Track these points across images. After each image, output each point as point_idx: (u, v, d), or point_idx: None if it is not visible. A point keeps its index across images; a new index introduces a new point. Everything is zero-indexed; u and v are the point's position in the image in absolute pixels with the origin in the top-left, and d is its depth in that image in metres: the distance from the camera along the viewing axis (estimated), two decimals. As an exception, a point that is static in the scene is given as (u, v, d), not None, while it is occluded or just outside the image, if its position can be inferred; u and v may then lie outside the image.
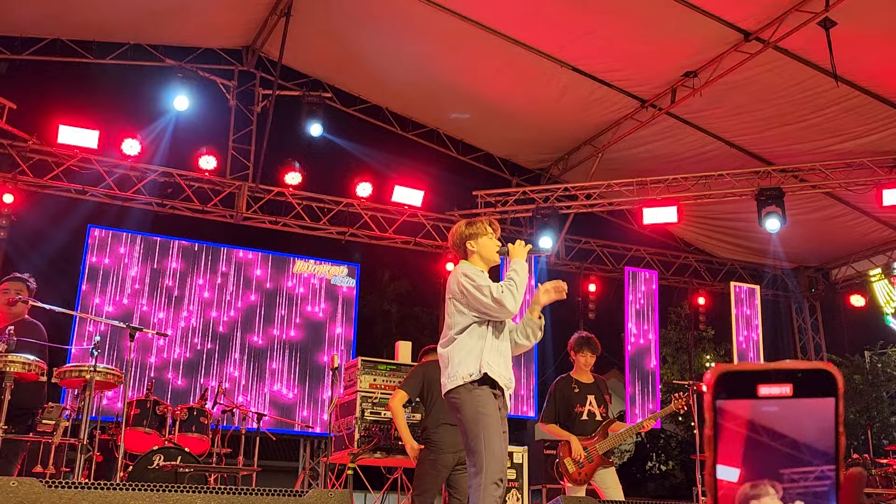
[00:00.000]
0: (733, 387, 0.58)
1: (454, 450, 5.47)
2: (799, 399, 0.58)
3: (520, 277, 4.07)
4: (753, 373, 0.58)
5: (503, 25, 9.24)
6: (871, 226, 11.71)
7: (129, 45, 10.24)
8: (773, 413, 0.58)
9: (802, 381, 0.58)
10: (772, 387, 0.58)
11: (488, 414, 3.90)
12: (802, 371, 0.58)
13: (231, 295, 10.39)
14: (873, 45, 8.31)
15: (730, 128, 10.26)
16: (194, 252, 10.34)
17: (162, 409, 6.83)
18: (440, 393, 5.64)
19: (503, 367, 4.05)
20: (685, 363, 16.48)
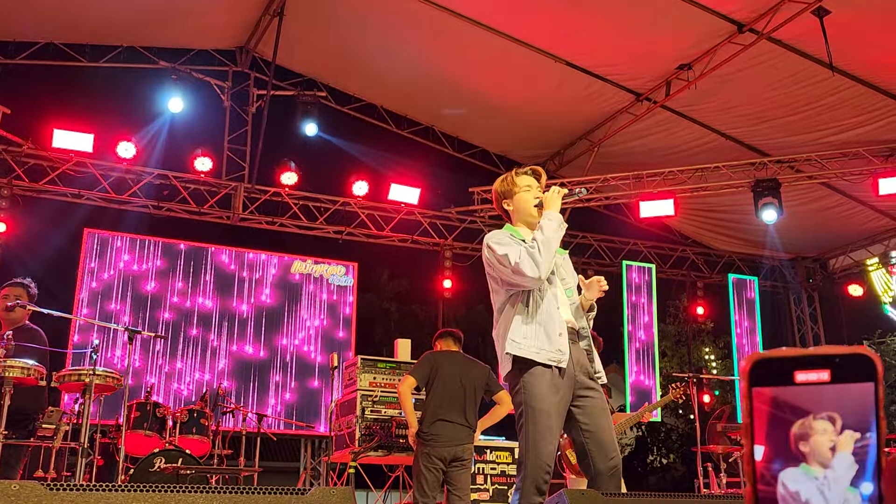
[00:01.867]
0: (769, 374, 0.57)
1: (449, 444, 5.48)
2: (837, 384, 0.57)
3: (544, 235, 3.51)
4: (790, 359, 0.57)
5: (497, 21, 9.23)
6: (867, 215, 11.73)
7: (122, 47, 10.22)
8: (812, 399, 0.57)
9: (840, 366, 0.57)
10: (809, 373, 0.57)
11: (534, 407, 3.41)
12: (840, 356, 0.57)
13: (229, 296, 10.38)
14: (867, 34, 8.31)
15: (725, 120, 10.27)
16: (191, 254, 10.33)
17: (162, 411, 6.83)
18: (441, 387, 5.66)
19: (545, 340, 3.46)
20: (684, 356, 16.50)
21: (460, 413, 5.59)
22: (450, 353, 5.89)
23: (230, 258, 10.51)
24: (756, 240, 12.52)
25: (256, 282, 10.56)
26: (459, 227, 11.69)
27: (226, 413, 7.62)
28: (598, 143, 11.03)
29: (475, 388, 5.72)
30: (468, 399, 5.65)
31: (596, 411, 3.52)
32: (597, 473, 3.46)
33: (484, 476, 7.60)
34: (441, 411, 5.56)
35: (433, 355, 5.85)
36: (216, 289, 10.34)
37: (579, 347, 3.62)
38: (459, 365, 5.77)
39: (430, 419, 5.55)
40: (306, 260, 10.92)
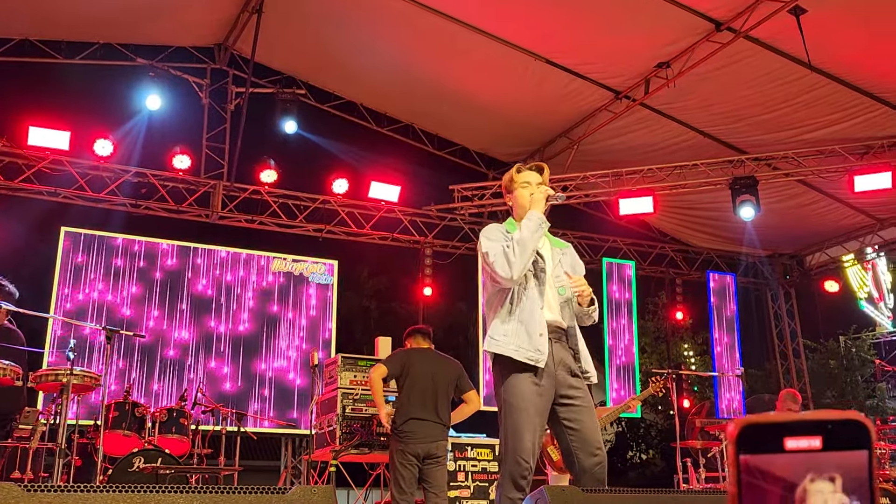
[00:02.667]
0: (758, 440, 0.55)
1: (423, 441, 5.52)
2: (829, 452, 0.54)
3: (521, 234, 3.52)
4: (780, 425, 0.55)
5: (477, 19, 9.23)
6: (843, 212, 11.85)
7: (98, 44, 10.11)
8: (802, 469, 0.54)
9: (832, 432, 0.55)
10: (800, 440, 0.54)
11: (513, 404, 3.46)
12: (832, 422, 0.55)
13: (208, 294, 10.31)
14: (843, 33, 8.38)
15: (703, 118, 10.33)
16: (169, 252, 10.25)
17: (141, 410, 6.79)
18: (413, 385, 5.67)
19: (525, 338, 3.48)
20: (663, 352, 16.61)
21: (432, 410, 5.64)
22: (421, 351, 5.92)
23: (209, 256, 10.43)
24: (734, 237, 12.62)
25: (236, 280, 10.49)
26: (439, 224, 11.69)
27: (206, 412, 7.57)
28: (578, 141, 11.06)
29: (447, 384, 5.77)
30: (440, 396, 5.70)
31: (579, 409, 3.53)
32: (581, 471, 3.48)
33: (465, 473, 7.61)
34: (413, 409, 5.60)
35: (405, 353, 5.89)
36: (196, 287, 10.26)
37: (565, 346, 3.62)
38: (431, 363, 5.81)
39: (403, 417, 5.61)
40: (286, 258, 10.86)
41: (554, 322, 3.61)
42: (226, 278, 10.45)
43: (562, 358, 3.56)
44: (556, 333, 3.60)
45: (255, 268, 10.66)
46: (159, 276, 10.11)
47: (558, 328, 3.62)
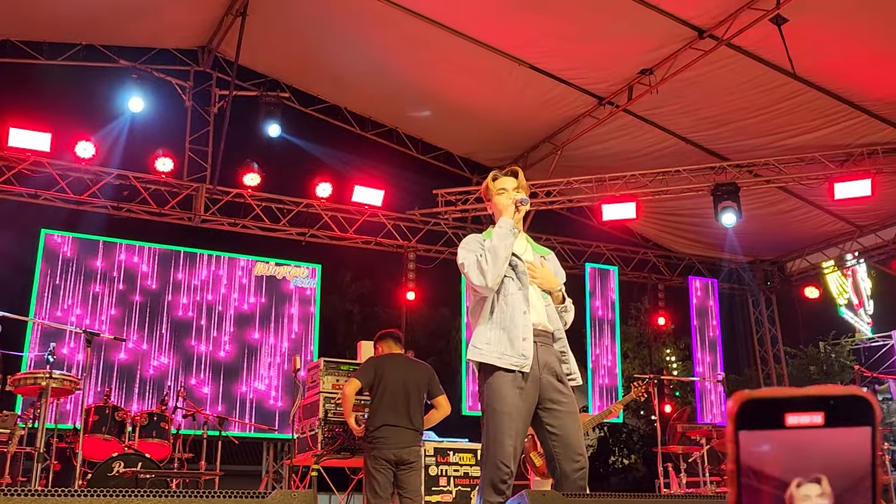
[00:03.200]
0: (758, 416, 0.54)
1: (395, 447, 5.53)
2: (831, 429, 0.53)
3: (492, 242, 3.55)
4: (781, 400, 0.54)
5: (461, 24, 9.24)
6: (823, 219, 11.94)
7: (81, 45, 10.05)
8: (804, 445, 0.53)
9: (835, 408, 0.53)
10: (801, 415, 0.53)
11: (495, 408, 3.45)
12: (835, 398, 0.54)
13: (190, 298, 10.26)
14: (824, 41, 8.47)
15: (686, 124, 10.39)
16: (151, 255, 10.19)
17: (121, 414, 6.73)
18: (385, 391, 5.67)
19: (507, 345, 3.48)
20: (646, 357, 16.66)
21: (405, 416, 5.66)
22: (392, 357, 5.94)
23: (191, 260, 10.38)
24: (716, 243, 12.70)
25: (219, 283, 10.44)
26: (423, 229, 11.68)
27: (187, 416, 7.52)
28: (562, 147, 11.10)
29: (419, 389, 5.79)
30: (412, 402, 5.72)
31: (563, 414, 3.51)
32: (562, 476, 3.47)
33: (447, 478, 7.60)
34: (386, 416, 5.62)
35: (376, 360, 5.91)
36: (178, 290, 10.20)
37: (551, 349, 3.61)
38: (402, 368, 5.83)
39: (376, 424, 5.62)
40: (269, 262, 10.82)
41: (540, 325, 3.60)
42: (209, 283, 10.40)
43: (547, 361, 3.55)
44: (542, 337, 3.59)
45: (238, 271, 10.61)
46: (141, 280, 10.04)
47: (544, 331, 3.62)
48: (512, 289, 3.59)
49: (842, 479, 0.53)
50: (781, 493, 0.53)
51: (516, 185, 3.76)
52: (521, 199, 3.66)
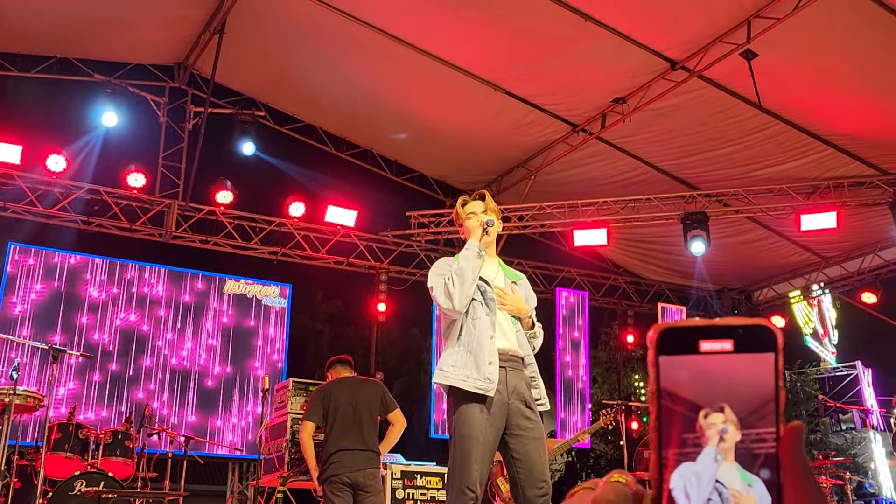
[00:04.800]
0: (676, 343, 0.59)
1: (351, 469, 5.42)
2: (739, 354, 0.58)
3: (459, 266, 3.57)
4: (695, 329, 0.59)
5: (437, 48, 9.33)
6: (790, 249, 12.13)
7: (55, 58, 9.99)
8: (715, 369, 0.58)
9: (742, 336, 0.58)
10: (713, 342, 0.58)
11: (462, 433, 3.46)
12: (742, 327, 0.59)
13: (159, 315, 10.16)
14: (792, 77, 8.65)
15: (657, 153, 10.53)
16: (121, 271, 10.09)
17: (85, 432, 6.64)
18: (335, 418, 5.59)
19: (473, 368, 3.49)
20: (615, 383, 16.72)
21: (358, 438, 5.52)
22: (339, 381, 5.82)
23: (161, 277, 10.30)
24: (685, 271, 12.83)
25: (189, 301, 10.36)
26: (396, 250, 11.69)
27: (152, 434, 7.44)
28: (535, 172, 11.19)
29: (369, 408, 5.64)
30: (364, 422, 5.57)
31: (529, 440, 3.52)
32: (525, 502, 3.47)
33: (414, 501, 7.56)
34: (339, 441, 5.50)
35: (321, 391, 5.78)
36: (147, 307, 10.10)
37: (520, 374, 3.62)
38: (349, 390, 5.70)
39: (330, 450, 5.51)
40: (240, 280, 10.76)
41: (508, 350, 3.61)
42: (179, 300, 10.31)
43: (516, 386, 3.56)
44: (511, 362, 3.60)
45: (208, 289, 10.54)
46: (109, 296, 9.94)
47: (513, 356, 3.63)
48: (480, 313, 3.61)
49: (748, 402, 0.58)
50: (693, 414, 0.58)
51: (484, 208, 3.81)
52: (488, 220, 3.70)
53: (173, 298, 10.30)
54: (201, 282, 10.53)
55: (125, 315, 9.98)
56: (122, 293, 10.03)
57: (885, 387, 16.79)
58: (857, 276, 12.11)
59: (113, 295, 9.97)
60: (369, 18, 8.98)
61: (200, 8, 9.32)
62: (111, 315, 9.90)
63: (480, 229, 3.68)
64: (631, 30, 8.41)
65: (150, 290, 10.19)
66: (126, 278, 10.10)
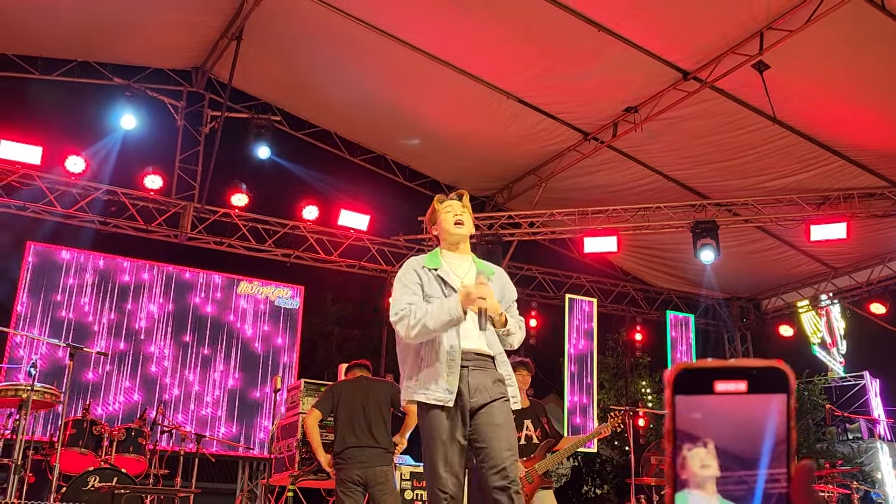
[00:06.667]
0: (692, 383, 0.60)
1: (360, 466, 5.43)
2: (753, 395, 0.60)
3: (429, 321, 3.37)
4: (711, 370, 0.60)
5: (451, 56, 9.36)
6: (799, 259, 12.09)
7: (76, 62, 10.08)
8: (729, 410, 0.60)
9: (757, 378, 0.61)
10: (728, 383, 0.60)
11: (428, 440, 3.46)
12: (757, 369, 0.61)
13: (174, 314, 10.22)
14: (804, 89, 8.64)
15: (668, 162, 10.53)
16: (137, 271, 10.16)
17: (99, 429, 6.69)
18: (344, 413, 5.63)
19: (432, 381, 3.43)
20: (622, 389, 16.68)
21: (367, 434, 5.53)
22: (352, 380, 5.87)
23: (176, 277, 10.36)
24: (694, 279, 12.81)
25: (203, 301, 10.42)
26: (407, 254, 11.72)
27: (164, 432, 7.48)
28: (546, 179, 11.20)
29: (379, 405, 5.64)
30: (373, 419, 5.58)
31: (492, 428, 3.43)
32: (483, 485, 3.38)
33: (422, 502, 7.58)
34: (348, 437, 5.53)
35: (335, 386, 5.87)
36: (162, 307, 10.16)
37: (487, 374, 3.51)
38: (360, 388, 5.74)
39: (340, 446, 5.54)
40: (253, 281, 10.82)
41: (474, 350, 3.51)
42: (193, 300, 10.38)
43: (479, 386, 3.47)
44: (476, 361, 3.51)
45: (222, 289, 10.59)
46: (125, 296, 10.00)
47: (479, 355, 3.53)
48: None
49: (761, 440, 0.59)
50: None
51: (461, 209, 3.70)
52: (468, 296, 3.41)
53: (185, 299, 10.35)
54: (215, 283, 10.58)
55: (141, 314, 10.03)
56: (137, 293, 10.08)
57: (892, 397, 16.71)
58: (866, 286, 12.06)
59: (128, 295, 10.02)
60: (384, 26, 9.02)
61: (218, 14, 9.39)
62: (127, 314, 9.96)
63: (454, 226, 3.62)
64: (644, 40, 8.42)
65: (162, 291, 10.24)
66: (141, 278, 10.15)
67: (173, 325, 10.19)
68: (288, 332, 10.84)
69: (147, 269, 10.23)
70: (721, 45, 8.28)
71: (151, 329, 10.07)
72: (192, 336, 10.27)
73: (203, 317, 10.38)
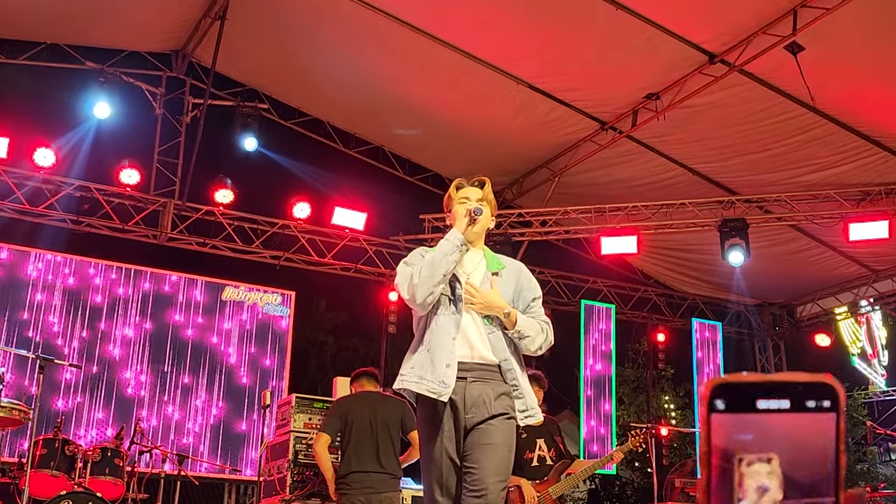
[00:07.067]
0: (730, 400, 0.59)
1: (364, 493, 5.43)
2: (799, 413, 0.58)
3: (433, 255, 3.40)
4: (751, 385, 0.59)
5: (455, 37, 9.35)
6: (837, 261, 12.06)
7: (45, 44, 10.09)
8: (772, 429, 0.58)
9: (802, 394, 0.59)
10: (770, 400, 0.58)
11: (423, 440, 3.45)
12: (802, 384, 0.59)
13: (153, 322, 10.21)
14: (841, 72, 8.62)
15: (693, 154, 10.52)
16: (113, 275, 10.16)
17: (72, 448, 6.67)
18: (352, 433, 5.61)
19: (429, 369, 3.34)
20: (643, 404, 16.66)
21: (373, 459, 5.54)
22: (361, 395, 5.87)
23: (155, 281, 10.36)
24: (721, 283, 12.79)
25: (184, 308, 10.42)
26: (407, 256, 11.70)
27: (143, 452, 7.48)
28: (560, 173, 11.19)
29: (388, 426, 5.63)
30: (381, 442, 5.58)
31: (480, 447, 3.33)
32: None
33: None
34: (354, 461, 5.52)
35: (340, 403, 5.85)
36: (140, 314, 10.16)
37: (489, 385, 3.39)
38: (369, 405, 5.72)
39: (344, 471, 5.54)
40: (239, 286, 10.81)
41: (474, 357, 3.41)
42: (174, 306, 10.37)
43: (479, 398, 3.36)
44: (474, 371, 3.39)
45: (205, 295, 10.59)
46: (99, 301, 10.00)
47: (479, 365, 3.41)
48: (443, 310, 3.45)
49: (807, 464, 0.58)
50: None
51: (481, 196, 3.66)
52: (476, 208, 3.52)
53: (164, 305, 10.35)
54: (198, 288, 10.57)
55: (117, 322, 10.03)
56: (113, 299, 10.08)
57: (939, 413, 16.66)
58: (910, 291, 12.05)
59: (103, 301, 10.02)
60: (383, 4, 9.02)
61: (201, -8, 9.41)
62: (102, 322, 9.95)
63: (467, 218, 3.48)
64: (666, 20, 8.41)
65: (139, 296, 10.24)
66: (118, 283, 10.15)
67: (153, 333, 10.17)
68: (277, 341, 10.82)
69: (123, 272, 10.20)
70: (751, 24, 8.26)
71: (128, 338, 10.06)
72: (172, 345, 10.25)
73: (184, 324, 10.36)
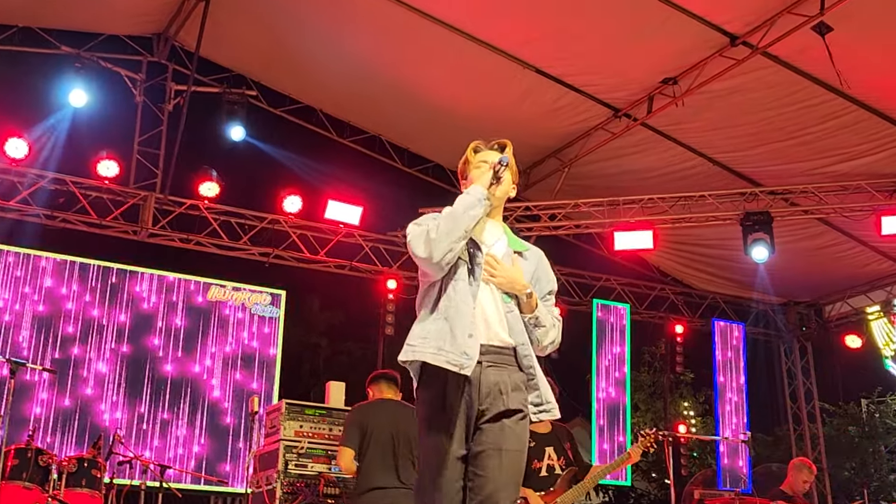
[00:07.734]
0: None
1: None
2: None
3: (452, 209, 3.28)
4: None
5: (456, 19, 9.35)
6: (868, 257, 12.05)
7: (16, 28, 10.11)
8: None
9: None
10: None
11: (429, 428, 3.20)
12: None
13: (133, 324, 10.24)
14: (872, 54, 8.60)
15: (713, 143, 10.51)
16: (90, 273, 10.19)
17: (46, 459, 6.71)
18: (371, 446, 5.62)
19: (448, 338, 3.15)
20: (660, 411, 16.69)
21: (392, 474, 5.56)
22: (380, 404, 5.88)
23: (136, 280, 10.39)
24: (744, 280, 12.78)
25: (167, 309, 10.44)
26: (406, 253, 11.71)
27: (122, 463, 7.50)
28: (570, 163, 11.19)
29: (409, 439, 5.64)
30: (401, 455, 5.61)
31: (492, 451, 3.15)
32: None
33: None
34: (372, 476, 5.53)
35: (359, 412, 5.84)
36: (119, 315, 10.19)
37: (505, 371, 3.23)
38: (390, 416, 5.74)
39: (363, 487, 5.57)
40: (225, 285, 10.83)
41: (490, 339, 3.25)
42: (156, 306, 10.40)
43: (496, 386, 3.20)
44: (495, 355, 3.23)
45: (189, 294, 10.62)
46: (75, 302, 10.03)
47: (497, 348, 3.26)
48: (462, 276, 3.29)
49: None
50: None
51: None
52: (501, 158, 3.38)
53: (146, 305, 10.37)
54: (181, 287, 10.59)
55: (94, 324, 10.06)
56: (90, 299, 10.11)
57: (978, 420, 16.64)
58: (946, 289, 12.04)
59: (80, 301, 10.05)
60: (379, -16, 9.04)
61: (184, -30, 9.42)
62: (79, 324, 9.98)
63: (491, 172, 3.35)
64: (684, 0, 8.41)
65: (119, 296, 10.26)
66: (95, 282, 10.18)
67: (133, 336, 10.19)
68: (266, 344, 10.84)
69: (101, 270, 10.22)
70: (775, 4, 8.25)
71: (107, 342, 10.09)
72: (154, 349, 10.27)
73: (168, 326, 10.38)
